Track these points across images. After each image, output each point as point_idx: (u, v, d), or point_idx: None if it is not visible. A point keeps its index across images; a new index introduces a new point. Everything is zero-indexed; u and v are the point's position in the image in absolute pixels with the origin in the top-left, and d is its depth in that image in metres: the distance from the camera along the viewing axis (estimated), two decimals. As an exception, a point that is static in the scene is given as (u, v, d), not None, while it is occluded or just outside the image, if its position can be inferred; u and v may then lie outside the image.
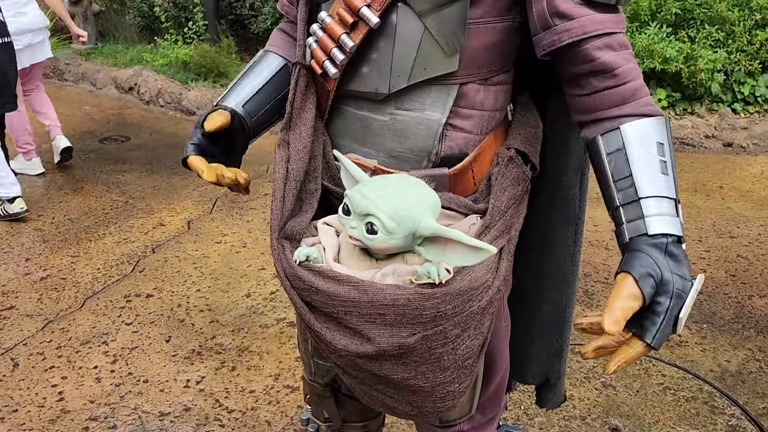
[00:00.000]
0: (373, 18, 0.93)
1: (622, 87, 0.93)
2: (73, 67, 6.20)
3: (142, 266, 2.99)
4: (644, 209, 0.89)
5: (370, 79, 0.99)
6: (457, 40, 0.95)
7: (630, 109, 0.93)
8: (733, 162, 4.11)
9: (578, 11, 0.92)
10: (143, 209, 3.58)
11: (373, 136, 1.03)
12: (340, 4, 0.97)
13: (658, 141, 0.92)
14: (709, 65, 4.47)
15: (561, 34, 0.92)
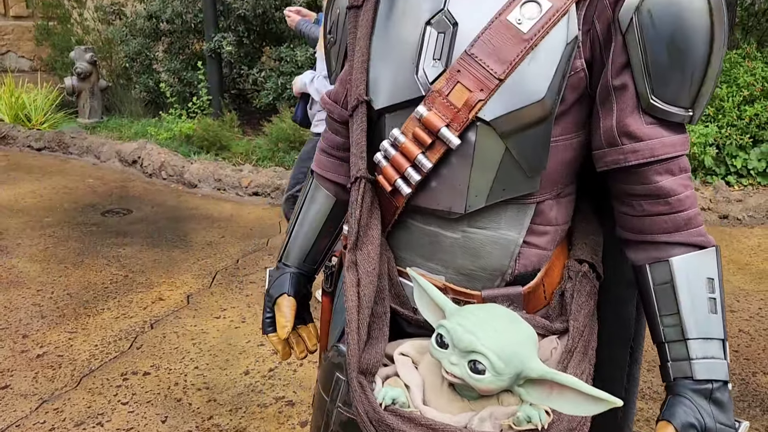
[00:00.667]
0: (454, 140, 0.89)
1: (675, 215, 0.92)
2: (78, 141, 6.32)
3: (140, 342, 2.96)
4: (690, 351, 0.89)
5: (443, 196, 0.94)
6: (540, 161, 0.91)
7: (681, 238, 0.92)
8: (730, 234, 4.14)
9: (648, 132, 0.89)
10: (143, 283, 3.57)
11: (441, 252, 0.98)
12: (415, 123, 0.92)
13: (708, 276, 0.91)
14: (701, 139, 4.58)
15: (627, 155, 0.90)
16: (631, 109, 0.88)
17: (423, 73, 0.92)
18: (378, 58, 0.98)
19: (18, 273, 3.66)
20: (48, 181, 5.41)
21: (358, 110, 0.99)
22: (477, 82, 0.87)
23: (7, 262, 3.79)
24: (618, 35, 0.86)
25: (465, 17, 0.90)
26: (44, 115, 6.84)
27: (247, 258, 3.93)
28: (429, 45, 0.92)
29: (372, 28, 1.01)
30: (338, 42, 1.13)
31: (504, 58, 0.86)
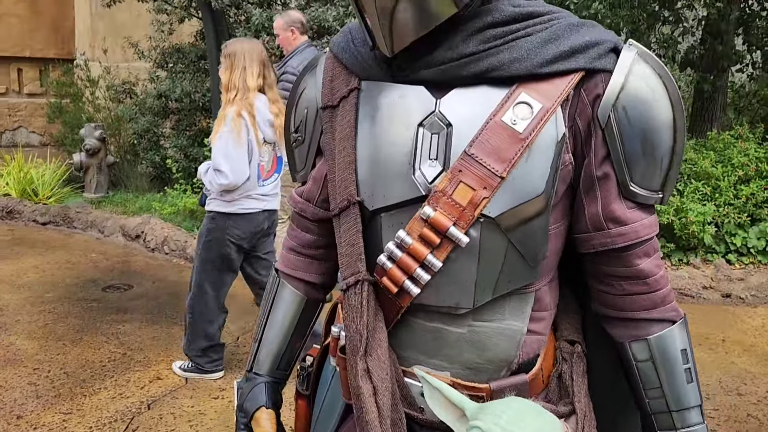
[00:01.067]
0: (463, 238, 0.91)
1: (653, 293, 1.00)
2: (83, 215, 6.39)
3: (136, 424, 2.90)
4: (675, 422, 1.01)
5: (449, 293, 0.95)
6: (541, 251, 0.96)
7: (658, 315, 1.01)
8: (733, 314, 4.12)
9: (631, 216, 0.97)
10: (141, 361, 3.53)
11: (446, 348, 0.98)
12: (421, 224, 0.93)
13: (682, 348, 1.01)
14: (700, 218, 4.63)
15: (615, 238, 0.97)
16: (615, 196, 0.97)
17: (421, 174, 0.94)
18: (365, 158, 0.98)
19: (15, 350, 3.63)
20: (51, 256, 5.44)
21: (350, 211, 0.99)
22: (480, 181, 0.91)
23: (5, 339, 3.76)
24: (598, 130, 0.95)
25: (459, 119, 0.94)
26: (51, 190, 6.95)
27: (247, 335, 3.89)
28: (423, 146, 0.94)
29: (355, 128, 1.00)
30: (307, 141, 1.12)
31: (503, 157, 0.91)
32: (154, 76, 7.27)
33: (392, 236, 0.96)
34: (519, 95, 0.92)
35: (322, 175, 1.10)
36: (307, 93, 1.11)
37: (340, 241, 1.01)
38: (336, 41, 1.09)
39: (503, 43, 0.93)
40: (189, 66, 7.00)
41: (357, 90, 1.02)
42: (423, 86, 0.96)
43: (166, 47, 7.22)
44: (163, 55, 7.17)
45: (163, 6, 6.86)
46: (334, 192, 1.02)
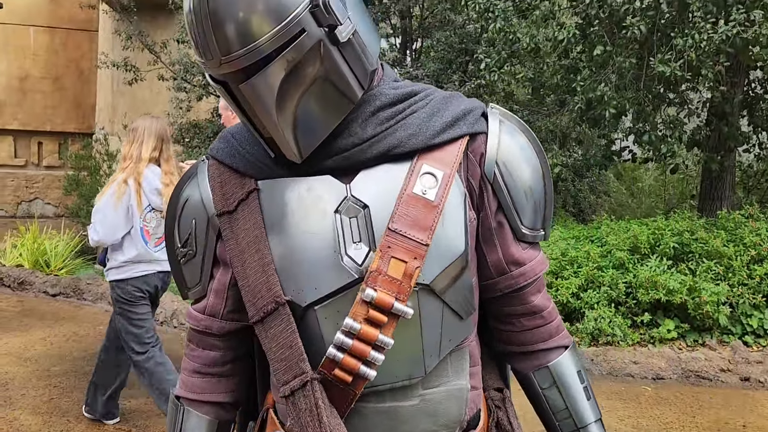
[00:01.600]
0: (409, 311, 0.94)
1: (548, 325, 1.12)
2: (93, 287, 6.41)
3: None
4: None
5: (400, 368, 0.97)
6: (471, 304, 1.03)
7: (554, 343, 1.13)
8: (753, 398, 4.01)
9: (527, 256, 1.09)
10: None
11: (402, 424, 0.99)
12: (365, 307, 0.94)
13: (578, 370, 1.14)
14: (713, 298, 4.58)
15: (517, 279, 1.08)
16: (511, 241, 1.08)
17: (349, 258, 0.96)
18: (283, 256, 0.98)
19: (19, 426, 3.56)
20: (60, 328, 5.42)
21: (279, 313, 0.96)
22: (409, 252, 0.95)
23: (9, 414, 3.70)
24: (488, 185, 1.05)
25: (373, 199, 0.99)
26: (63, 261, 7.01)
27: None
28: (345, 231, 0.97)
29: (263, 229, 0.99)
30: (199, 253, 1.08)
31: (424, 226, 0.97)
32: (171, 151, 7.46)
33: (332, 326, 0.96)
34: (422, 167, 1.00)
35: (224, 286, 1.06)
36: (191, 204, 1.08)
37: (270, 346, 0.98)
38: (217, 148, 1.08)
39: (396, 123, 1.01)
40: (205, 141, 7.19)
41: (256, 191, 1.02)
42: (329, 175, 1.00)
43: (184, 123, 7.44)
44: (181, 131, 7.38)
45: (183, 84, 7.12)
46: (252, 298, 0.99)
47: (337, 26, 0.91)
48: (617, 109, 5.25)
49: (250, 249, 0.99)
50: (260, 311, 0.98)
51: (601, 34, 5.27)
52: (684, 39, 4.67)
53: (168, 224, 1.12)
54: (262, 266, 0.98)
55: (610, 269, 5.03)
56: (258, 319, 0.99)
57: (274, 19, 0.88)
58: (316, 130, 0.97)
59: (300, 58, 0.91)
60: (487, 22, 5.65)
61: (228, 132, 1.09)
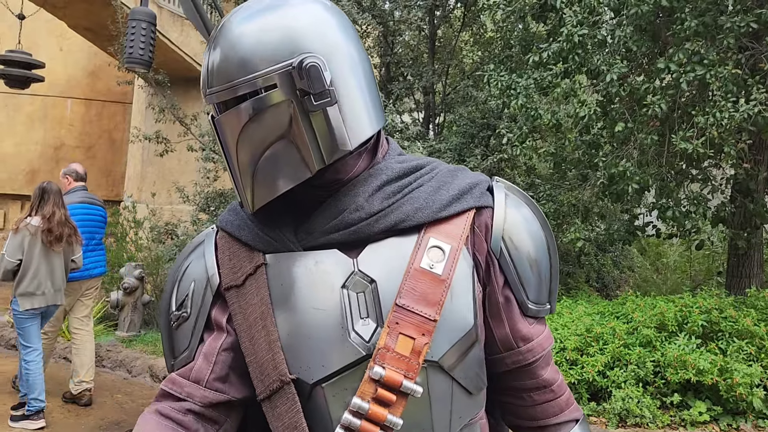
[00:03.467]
0: (418, 389, 0.93)
1: (558, 399, 1.11)
2: (113, 354, 6.39)
3: None
4: None
5: None
6: (481, 379, 1.03)
7: (565, 417, 1.11)
8: (794, 488, 3.80)
9: (534, 331, 1.08)
10: None
11: None
12: (372, 385, 0.93)
13: None
14: (746, 379, 4.42)
15: (526, 354, 1.07)
16: (518, 316, 1.06)
17: (356, 335, 0.95)
18: (291, 333, 0.97)
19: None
20: (77, 395, 5.37)
21: (284, 391, 0.95)
22: (417, 328, 0.94)
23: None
24: (494, 260, 1.05)
25: (380, 273, 0.98)
26: (85, 327, 7.01)
27: None
28: (352, 306, 0.96)
29: (270, 305, 0.98)
30: (193, 316, 1.06)
31: (432, 301, 0.96)
32: (196, 218, 7.59)
33: (340, 404, 0.95)
34: (429, 240, 0.99)
35: (214, 350, 1.03)
36: (193, 269, 1.08)
37: (276, 425, 0.96)
38: (226, 219, 1.09)
39: (402, 197, 1.01)
40: (230, 210, 7.30)
41: (264, 265, 1.01)
42: (335, 249, 0.99)
43: (210, 192, 7.60)
44: (206, 200, 7.53)
45: (211, 155, 7.31)
46: (259, 375, 0.98)
47: (309, 94, 0.93)
48: (640, 185, 5.25)
49: (257, 325, 0.98)
50: (267, 389, 0.97)
51: (621, 112, 5.35)
52: (705, 117, 4.72)
53: (166, 290, 1.11)
54: (268, 343, 0.97)
55: (637, 347, 4.91)
56: (265, 397, 0.97)
57: (254, 66, 0.94)
58: (270, 187, 0.97)
59: (266, 109, 0.94)
60: (508, 99, 5.78)
61: (237, 204, 1.10)
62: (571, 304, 5.84)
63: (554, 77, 5.56)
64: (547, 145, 6.29)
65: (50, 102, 10.42)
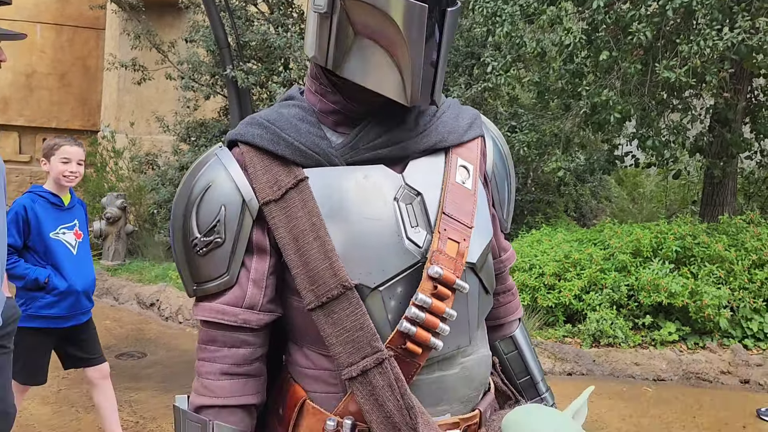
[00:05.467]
0: (466, 285, 1.03)
1: (515, 300, 1.33)
2: (99, 282, 6.43)
3: (148, 496, 2.85)
4: (538, 391, 1.32)
5: (453, 339, 1.04)
6: (493, 279, 1.18)
7: (516, 316, 1.33)
8: (753, 400, 4.05)
9: (507, 244, 1.30)
10: (154, 430, 3.50)
11: (447, 392, 1.06)
12: (430, 283, 1.00)
13: (526, 336, 1.34)
14: (715, 301, 4.63)
15: (504, 262, 1.28)
16: (499, 231, 1.25)
17: (410, 242, 1.03)
18: (346, 242, 1.00)
19: (29, 416, 3.61)
20: (66, 322, 5.46)
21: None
22: (460, 234, 1.05)
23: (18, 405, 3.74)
24: (488, 183, 1.19)
25: (424, 187, 1.07)
26: (69, 256, 7.04)
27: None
28: (404, 217, 1.04)
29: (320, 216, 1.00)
30: (229, 241, 1.03)
31: (467, 211, 1.08)
32: (177, 149, 7.52)
33: (396, 305, 1.01)
34: (457, 160, 1.11)
35: (263, 275, 1.04)
36: (218, 190, 1.04)
37: (332, 331, 0.99)
38: (254, 133, 1.05)
39: (436, 120, 1.12)
40: (211, 140, 7.24)
41: (306, 179, 1.02)
42: (381, 164, 1.06)
43: (191, 122, 7.50)
44: (187, 130, 7.44)
45: (190, 84, 7.18)
46: (310, 285, 0.99)
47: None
48: (621, 114, 5.30)
49: (306, 237, 1.00)
50: (321, 297, 0.99)
51: (606, 40, 5.33)
52: (689, 45, 4.73)
53: (177, 214, 1.07)
54: (324, 253, 0.99)
55: (613, 272, 5.09)
56: (318, 305, 0.99)
57: None
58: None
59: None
60: (493, 26, 5.71)
61: (261, 118, 1.07)
62: (550, 232, 5.98)
63: (540, 4, 5.50)
64: (531, 74, 6.27)
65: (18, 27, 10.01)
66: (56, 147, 2.92)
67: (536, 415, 1.03)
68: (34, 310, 2.82)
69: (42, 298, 2.81)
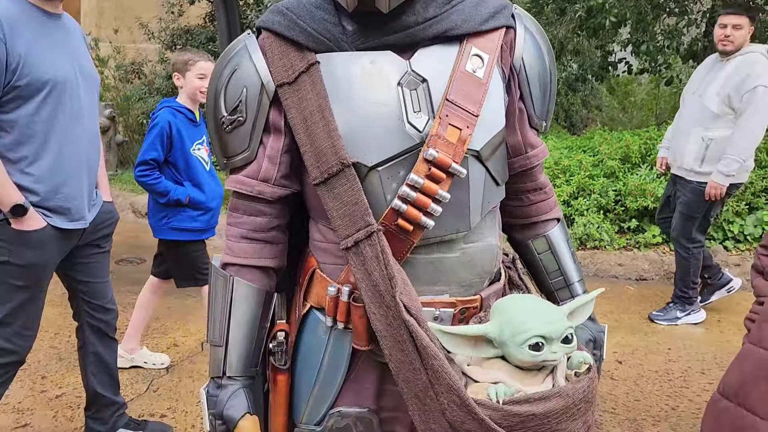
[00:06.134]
0: (462, 170, 1.06)
1: (549, 200, 1.31)
2: (92, 192, 6.49)
3: (156, 386, 3.03)
4: (572, 292, 1.31)
5: (451, 223, 1.09)
6: (505, 172, 1.20)
7: (552, 215, 1.32)
8: (729, 298, 4.25)
9: (536, 141, 1.26)
10: (158, 329, 3.65)
11: (445, 273, 1.11)
12: (426, 165, 1.05)
13: (567, 238, 1.33)
14: (699, 205, 4.74)
15: (531, 159, 1.25)
16: (527, 126, 1.22)
17: (410, 126, 1.07)
18: (349, 123, 1.06)
19: (35, 316, 3.73)
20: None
21: (344, 174, 1.05)
22: (463, 121, 1.07)
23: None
24: (515, 75, 1.18)
25: (431, 74, 1.09)
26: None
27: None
28: (406, 101, 1.07)
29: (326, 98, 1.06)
30: (249, 120, 1.13)
31: (474, 100, 1.09)
32: (164, 57, 7.36)
33: (393, 185, 1.07)
34: (471, 49, 1.11)
35: (277, 152, 1.14)
36: (242, 73, 1.12)
37: (332, 205, 1.06)
38: (272, 20, 1.12)
39: (451, 8, 1.11)
40: (198, 48, 7.08)
41: (317, 63, 1.08)
42: (389, 51, 1.09)
43: (175, 29, 7.30)
44: (173, 37, 7.26)
45: (174, -13, 6.93)
46: (315, 162, 1.07)
47: None
48: (617, 18, 5.23)
49: (314, 117, 1.07)
50: (324, 173, 1.06)
51: (604, -61, 5.17)
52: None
53: (210, 95, 1.17)
54: (327, 132, 1.06)
55: (601, 177, 5.18)
56: (321, 181, 1.07)
57: None
58: None
59: None
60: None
61: (282, 6, 1.14)
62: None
63: None
64: (526, -23, 6.10)
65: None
66: (191, 62, 2.95)
67: (525, 303, 1.04)
68: (177, 223, 2.96)
69: (183, 212, 2.94)
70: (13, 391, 2.96)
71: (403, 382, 1.02)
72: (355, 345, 1.11)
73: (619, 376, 3.21)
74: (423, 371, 0.99)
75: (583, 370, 1.02)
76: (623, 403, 2.97)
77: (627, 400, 2.98)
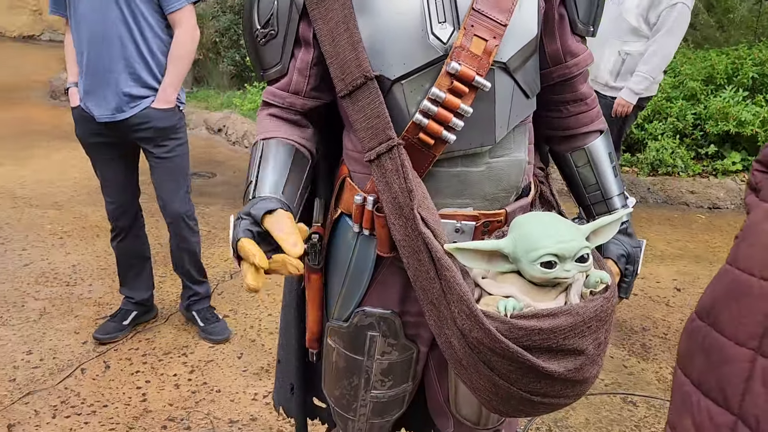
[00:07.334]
0: (487, 83, 1.03)
1: (590, 111, 1.25)
2: (169, 109, 6.73)
3: (221, 290, 3.23)
4: (609, 206, 1.26)
5: (475, 136, 1.07)
6: (537, 84, 1.15)
7: (593, 127, 1.26)
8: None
9: (579, 48, 1.19)
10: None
11: (469, 187, 1.11)
12: (448, 78, 1.03)
13: (609, 152, 1.27)
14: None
15: (571, 68, 1.19)
16: (568, 33, 1.16)
17: (434, 37, 1.03)
18: (373, 35, 1.05)
19: (115, 223, 4.01)
20: (142, 144, 5.82)
21: (367, 86, 1.04)
22: (489, 32, 1.03)
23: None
24: None
25: None
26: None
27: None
28: (431, 11, 1.03)
29: (352, 10, 1.05)
30: (281, 33, 1.13)
31: (503, 8, 1.04)
32: (236, -26, 7.35)
33: (416, 99, 1.05)
34: None
35: (307, 65, 1.14)
36: None
37: (356, 117, 1.06)
38: None
39: None
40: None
41: None
42: None
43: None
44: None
45: None
46: (340, 74, 1.06)
47: None
48: None
49: (339, 29, 1.06)
50: (348, 86, 1.06)
51: None
52: None
53: (246, 9, 1.18)
54: (351, 44, 1.05)
55: (680, 100, 4.89)
56: (346, 93, 1.07)
57: None
58: None
59: None
60: None
61: None
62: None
63: None
64: None
65: None
66: None
67: (542, 219, 1.01)
68: None
69: None
70: (95, 287, 3.24)
71: (420, 290, 1.05)
72: (378, 252, 1.14)
73: (675, 303, 3.15)
74: (437, 281, 1.01)
75: (599, 290, 1.01)
76: (676, 329, 2.93)
77: (680, 327, 2.94)
